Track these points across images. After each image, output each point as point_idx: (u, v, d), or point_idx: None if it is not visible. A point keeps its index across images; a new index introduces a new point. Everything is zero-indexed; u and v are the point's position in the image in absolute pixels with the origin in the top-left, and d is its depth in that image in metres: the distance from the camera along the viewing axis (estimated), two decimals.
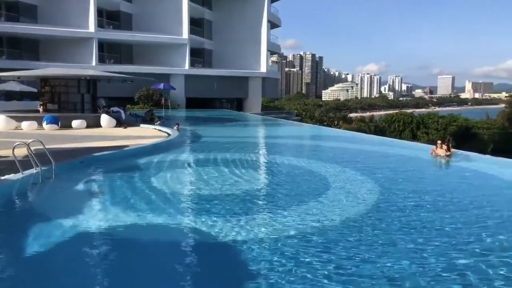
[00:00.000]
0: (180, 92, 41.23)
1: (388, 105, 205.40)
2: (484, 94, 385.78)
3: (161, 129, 19.69)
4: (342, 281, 4.11)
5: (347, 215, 6.43)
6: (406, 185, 8.92)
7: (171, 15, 42.46)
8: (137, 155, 11.99)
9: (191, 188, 8.44)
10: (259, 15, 47.05)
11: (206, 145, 16.10)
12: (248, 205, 7.08)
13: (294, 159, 12.16)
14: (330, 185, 8.62)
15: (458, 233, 5.67)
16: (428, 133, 60.47)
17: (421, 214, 6.57)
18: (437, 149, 12.16)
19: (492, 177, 10.20)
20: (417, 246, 5.07)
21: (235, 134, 21.26)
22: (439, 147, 12.10)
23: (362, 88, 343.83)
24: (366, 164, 11.65)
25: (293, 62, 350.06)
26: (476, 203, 7.43)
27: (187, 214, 6.51)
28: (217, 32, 49.42)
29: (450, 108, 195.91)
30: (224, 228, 5.62)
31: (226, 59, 47.97)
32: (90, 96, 23.03)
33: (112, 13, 42.64)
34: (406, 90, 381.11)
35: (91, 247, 5.18)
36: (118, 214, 6.29)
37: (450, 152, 11.86)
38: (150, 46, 42.90)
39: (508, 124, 66.60)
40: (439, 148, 12.09)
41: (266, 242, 5.23)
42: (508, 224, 6.28)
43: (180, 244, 5.23)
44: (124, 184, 8.55)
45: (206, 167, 10.67)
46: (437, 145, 12.29)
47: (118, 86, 29.99)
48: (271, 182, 9.69)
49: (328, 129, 28.11)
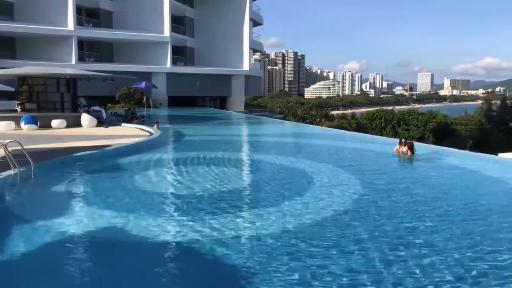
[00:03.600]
0: (162, 91, 40.87)
1: (369, 103, 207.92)
2: (462, 91, 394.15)
3: (143, 128, 19.53)
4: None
5: (328, 211, 6.49)
6: (374, 181, 9.06)
7: (152, 12, 42.00)
8: (119, 154, 11.85)
9: (174, 188, 8.39)
10: (241, 12, 46.96)
11: (189, 144, 16.02)
12: (231, 203, 7.08)
13: (277, 157, 12.20)
14: (312, 182, 8.68)
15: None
16: (409, 129, 61.57)
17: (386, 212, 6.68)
18: (400, 147, 12.27)
19: (457, 172, 10.46)
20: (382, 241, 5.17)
21: (218, 132, 21.21)
22: (402, 145, 12.20)
23: (343, 85, 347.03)
24: (347, 160, 11.77)
25: (276, 60, 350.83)
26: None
27: (169, 213, 6.47)
28: (199, 30, 49.14)
29: (429, 105, 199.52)
30: (207, 227, 5.61)
31: (208, 57, 47.76)
32: (70, 95, 22.63)
33: (92, 10, 41.92)
34: (386, 88, 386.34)
35: (71, 249, 5.10)
36: (99, 215, 6.21)
37: (412, 153, 11.92)
38: (131, 44, 42.36)
39: (485, 120, 68.33)
40: (402, 146, 12.20)
41: (249, 240, 5.24)
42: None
43: (163, 244, 5.19)
44: (106, 184, 8.44)
45: (189, 166, 10.62)
46: (401, 143, 12.37)
47: (99, 85, 29.54)
48: (254, 180, 9.70)
49: (311, 127, 28.31)
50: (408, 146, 12.16)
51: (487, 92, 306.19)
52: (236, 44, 47.04)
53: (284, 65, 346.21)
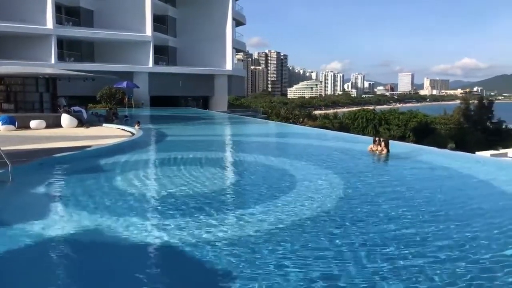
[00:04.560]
0: (144, 91, 40.47)
1: (351, 102, 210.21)
2: (441, 90, 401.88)
3: (124, 129, 19.33)
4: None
5: (312, 209, 6.56)
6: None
7: (134, 11, 41.55)
8: (100, 155, 11.70)
9: (156, 189, 8.34)
10: (223, 12, 46.87)
11: (172, 144, 15.92)
12: (214, 203, 7.09)
13: (260, 157, 12.24)
14: (295, 181, 8.75)
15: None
16: (390, 129, 62.52)
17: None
18: (374, 146, 12.33)
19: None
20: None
21: (200, 132, 21.14)
22: (377, 144, 12.28)
23: (326, 85, 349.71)
24: (321, 159, 11.86)
25: (259, 60, 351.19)
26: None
27: (152, 215, 6.43)
28: (181, 30, 48.84)
29: (410, 105, 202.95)
30: (189, 228, 5.60)
31: (191, 56, 47.50)
32: (50, 95, 22.20)
33: (72, 9, 41.20)
34: (368, 87, 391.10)
35: (50, 252, 5.03)
36: (80, 218, 6.13)
37: (386, 151, 11.97)
38: (112, 44, 41.82)
39: (463, 119, 69.86)
40: (377, 145, 12.26)
41: (233, 240, 5.26)
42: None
43: (145, 245, 5.16)
44: (86, 186, 8.33)
45: (171, 166, 10.56)
46: (375, 142, 12.45)
47: (79, 85, 29.05)
48: (238, 180, 9.71)
49: (294, 127, 28.48)
50: (384, 143, 12.21)
51: (465, 92, 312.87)
52: (219, 43, 46.92)
53: (267, 65, 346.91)
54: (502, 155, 43.23)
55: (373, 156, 12.08)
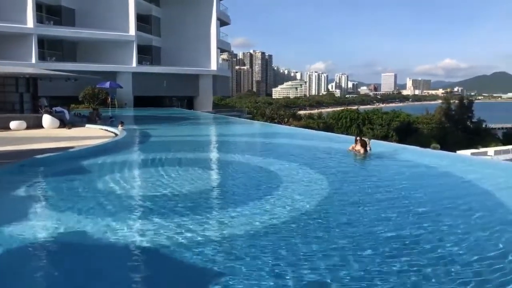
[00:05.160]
0: (128, 91, 40.05)
1: (335, 102, 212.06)
2: (424, 90, 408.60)
3: (107, 129, 19.13)
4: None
5: (297, 209, 6.60)
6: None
7: (117, 11, 41.10)
8: (83, 156, 11.54)
9: (139, 190, 8.28)
10: (208, 12, 46.73)
11: (156, 144, 15.82)
12: (200, 204, 7.07)
13: (244, 157, 12.26)
14: (281, 181, 8.79)
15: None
16: (373, 128, 63.30)
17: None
18: (356, 145, 12.25)
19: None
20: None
21: (186, 133, 21.05)
22: (358, 144, 12.21)
23: (310, 86, 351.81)
24: (300, 158, 11.94)
25: (243, 60, 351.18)
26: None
27: (134, 216, 6.38)
28: (165, 29, 48.52)
29: (393, 104, 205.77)
30: (169, 229, 5.58)
31: (175, 56, 47.23)
32: (30, 95, 21.84)
33: (53, 8, 40.52)
34: (352, 88, 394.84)
35: (32, 255, 4.95)
36: (62, 220, 6.04)
37: (365, 151, 11.96)
38: (95, 43, 41.29)
39: (444, 119, 71.17)
40: (358, 145, 12.18)
41: (217, 241, 5.26)
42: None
43: (129, 247, 5.12)
44: (69, 188, 8.21)
45: (156, 167, 10.50)
46: (357, 142, 12.36)
47: (61, 85, 28.60)
48: (223, 180, 9.71)
49: (279, 127, 28.58)
50: (361, 144, 12.14)
51: (446, 92, 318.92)
52: (203, 43, 46.77)
53: (252, 65, 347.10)
54: (482, 153, 44.25)
55: (353, 156, 12.08)
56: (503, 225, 6.01)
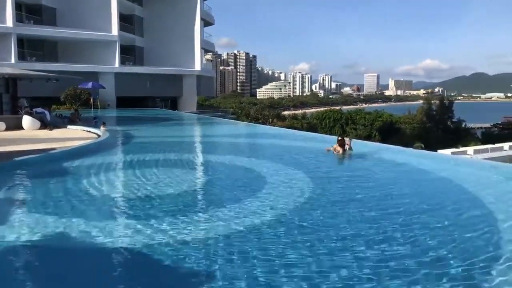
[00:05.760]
0: (110, 91, 39.61)
1: (319, 103, 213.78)
2: (406, 91, 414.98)
3: (90, 130, 18.89)
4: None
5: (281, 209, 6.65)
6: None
7: (99, 10, 40.60)
8: (64, 158, 11.37)
9: (124, 192, 8.21)
10: (191, 12, 46.56)
11: (139, 146, 15.69)
12: (183, 206, 7.06)
13: (228, 158, 12.27)
14: (266, 181, 8.83)
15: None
16: (356, 128, 64.02)
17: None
18: (337, 146, 12.21)
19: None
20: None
21: (169, 134, 20.93)
22: (339, 144, 12.17)
23: (294, 86, 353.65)
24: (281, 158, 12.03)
25: (228, 60, 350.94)
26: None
27: (118, 218, 6.34)
28: (148, 29, 48.15)
29: (376, 105, 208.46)
30: (157, 231, 5.57)
31: (158, 56, 46.90)
32: (10, 96, 21.37)
33: (33, 7, 39.80)
34: (335, 88, 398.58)
35: (12, 260, 4.87)
36: (43, 223, 5.94)
37: (345, 151, 11.96)
38: (76, 43, 40.70)
39: (426, 118, 72.39)
40: (339, 145, 12.14)
41: (201, 242, 5.27)
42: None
43: (112, 250, 5.08)
44: (50, 190, 8.09)
45: (139, 169, 10.41)
46: (338, 142, 12.30)
47: (42, 86, 28.10)
48: (207, 181, 9.70)
49: (264, 127, 28.65)
50: (339, 143, 12.10)
51: (427, 93, 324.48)
52: (187, 43, 46.58)
53: (236, 65, 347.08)
54: (462, 153, 45.17)
55: (332, 156, 12.08)
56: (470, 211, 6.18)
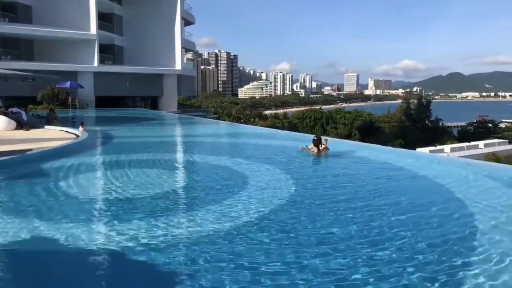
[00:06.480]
0: (89, 91, 38.96)
1: (299, 102, 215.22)
2: (385, 90, 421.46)
3: (68, 131, 18.56)
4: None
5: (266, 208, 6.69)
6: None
7: (77, 8, 39.87)
8: (42, 159, 11.15)
9: (103, 193, 8.11)
10: (172, 11, 46.20)
11: (119, 146, 15.49)
12: (164, 207, 7.03)
13: (210, 157, 12.25)
14: (248, 181, 8.87)
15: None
16: (337, 127, 64.73)
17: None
18: (312, 145, 12.16)
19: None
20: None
21: (150, 134, 20.74)
22: (314, 143, 12.14)
23: (275, 86, 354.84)
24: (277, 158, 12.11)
25: (209, 60, 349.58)
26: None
27: (97, 220, 6.27)
28: (128, 28, 47.53)
29: (356, 104, 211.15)
30: (138, 233, 5.54)
31: (138, 56, 46.38)
32: None
33: (8, 4, 38.75)
34: (316, 88, 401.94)
35: None
36: (20, 226, 5.84)
37: (320, 150, 11.96)
38: (54, 42, 39.83)
39: (404, 117, 73.78)
40: (314, 145, 12.11)
41: (184, 243, 5.27)
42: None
43: (92, 252, 5.03)
44: (27, 192, 7.93)
45: (119, 169, 10.30)
46: (313, 141, 12.24)
47: (18, 85, 27.47)
48: (189, 182, 9.67)
49: (245, 126, 28.68)
50: (314, 143, 12.07)
51: (406, 92, 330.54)
52: (167, 43, 46.20)
53: (217, 65, 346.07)
54: (439, 151, 46.08)
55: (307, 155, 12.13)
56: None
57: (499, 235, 5.45)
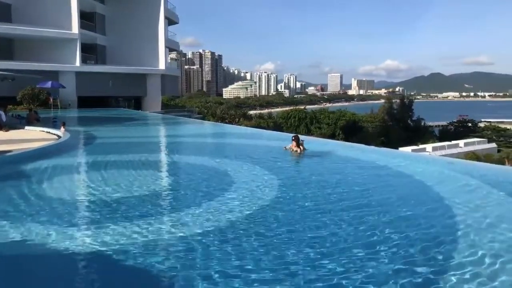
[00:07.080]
0: (71, 91, 38.33)
1: (284, 102, 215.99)
2: (368, 90, 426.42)
3: (49, 131, 18.24)
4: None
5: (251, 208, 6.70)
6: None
7: (58, 7, 39.18)
8: (22, 161, 10.92)
9: (85, 195, 8.00)
10: (155, 10, 45.84)
11: (102, 147, 15.29)
12: (149, 208, 6.97)
13: (195, 158, 12.20)
14: (233, 181, 8.86)
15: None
16: (321, 127, 65.17)
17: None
18: (293, 145, 12.22)
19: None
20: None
21: (133, 134, 20.54)
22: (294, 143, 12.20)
23: (260, 86, 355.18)
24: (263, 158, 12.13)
25: (193, 59, 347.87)
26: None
27: (79, 222, 6.17)
28: (111, 27, 46.95)
29: (339, 104, 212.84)
30: (123, 234, 5.48)
31: (121, 55, 45.86)
32: None
33: None
34: (300, 88, 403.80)
35: None
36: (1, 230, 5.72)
37: (299, 150, 12.06)
38: (34, 41, 39.05)
39: (387, 117, 74.75)
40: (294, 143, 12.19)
41: (170, 243, 5.24)
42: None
43: (75, 256, 4.96)
44: (6, 195, 7.76)
45: (102, 171, 10.16)
46: (292, 141, 12.33)
47: None
48: (173, 182, 9.61)
49: (230, 126, 28.65)
50: (294, 141, 12.19)
51: (388, 92, 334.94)
52: (151, 42, 45.80)
53: (201, 65, 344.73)
54: (421, 150, 46.80)
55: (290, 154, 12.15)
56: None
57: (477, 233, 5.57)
